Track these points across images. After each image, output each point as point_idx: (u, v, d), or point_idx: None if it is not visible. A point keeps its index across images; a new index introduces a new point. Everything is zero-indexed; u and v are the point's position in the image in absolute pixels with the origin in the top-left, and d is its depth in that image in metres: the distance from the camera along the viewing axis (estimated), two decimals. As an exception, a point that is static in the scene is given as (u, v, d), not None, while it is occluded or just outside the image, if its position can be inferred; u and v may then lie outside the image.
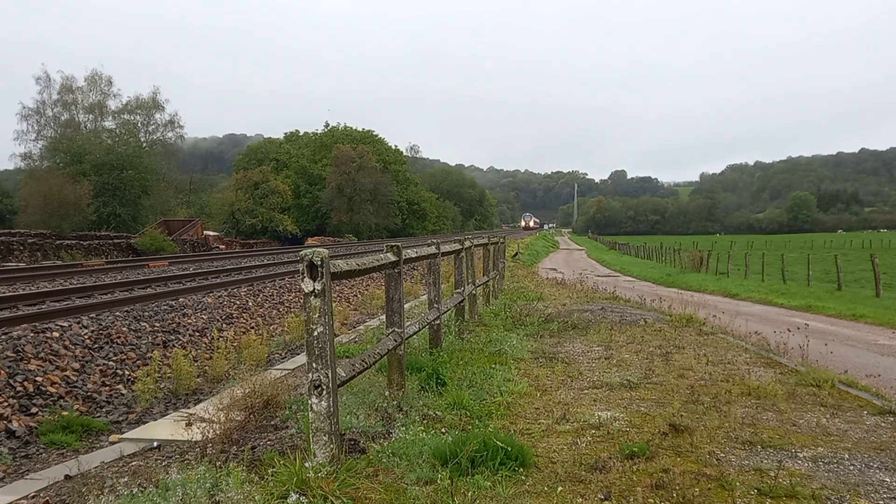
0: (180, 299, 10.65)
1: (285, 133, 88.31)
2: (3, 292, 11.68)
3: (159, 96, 62.38)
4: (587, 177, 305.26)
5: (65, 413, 6.07)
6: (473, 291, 10.84)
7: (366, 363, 4.70)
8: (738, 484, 3.89)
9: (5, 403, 5.89)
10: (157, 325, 9.08)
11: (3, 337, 6.92)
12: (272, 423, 5.11)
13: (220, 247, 44.68)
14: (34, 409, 6.03)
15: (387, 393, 5.51)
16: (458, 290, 9.50)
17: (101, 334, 8.02)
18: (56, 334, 7.50)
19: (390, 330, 5.70)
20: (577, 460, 4.28)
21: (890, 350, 11.08)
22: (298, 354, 9.13)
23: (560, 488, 3.84)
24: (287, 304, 12.62)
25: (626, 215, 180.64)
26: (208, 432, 4.72)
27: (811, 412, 5.64)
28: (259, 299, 12.27)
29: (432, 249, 7.32)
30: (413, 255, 6.48)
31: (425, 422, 4.98)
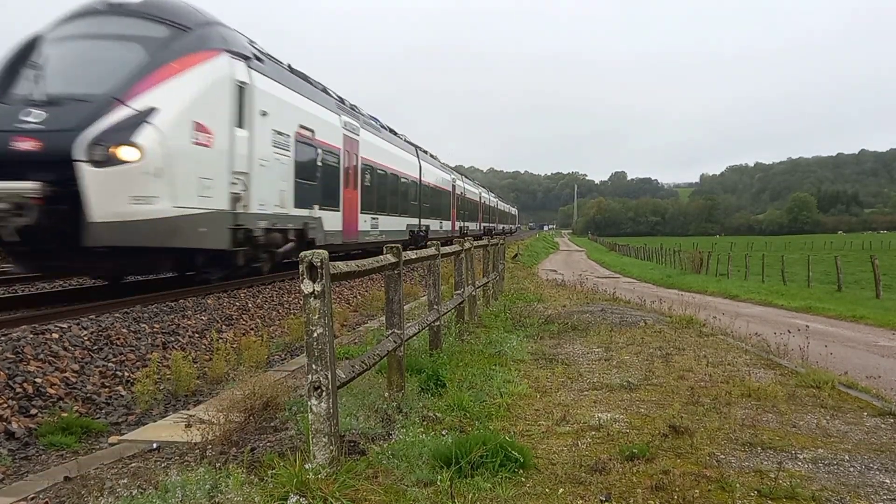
0: (180, 300, 10.63)
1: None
2: (2, 293, 11.67)
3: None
4: (587, 178, 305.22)
5: (64, 414, 6.05)
6: (473, 293, 10.83)
7: (366, 365, 4.70)
8: (738, 485, 3.88)
9: (5, 405, 5.88)
10: (157, 326, 9.07)
11: (2, 338, 6.91)
12: (272, 424, 5.11)
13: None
14: (34, 411, 6.02)
15: (387, 394, 5.50)
16: (458, 292, 9.49)
17: (101, 336, 8.01)
18: (55, 336, 7.49)
19: (390, 331, 5.70)
20: (577, 462, 4.28)
21: (890, 351, 11.08)
22: (298, 356, 9.12)
23: (560, 490, 3.84)
24: (287, 306, 12.60)
25: (626, 216, 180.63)
26: (208, 434, 4.71)
27: (811, 413, 5.63)
28: (259, 300, 12.25)
29: (432, 251, 7.31)
30: (413, 257, 6.48)
31: (425, 423, 4.98)
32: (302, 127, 13.83)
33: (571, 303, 14.61)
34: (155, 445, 5.04)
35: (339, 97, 18.07)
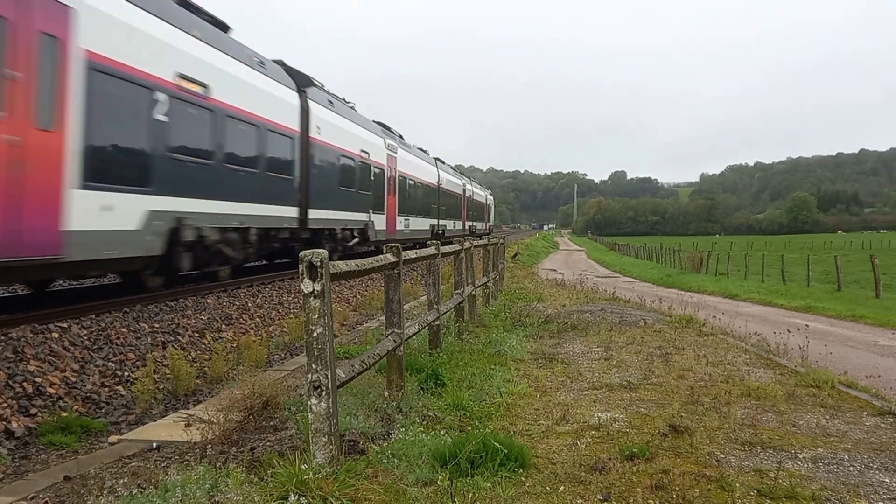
0: (180, 300, 10.63)
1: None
2: (2, 293, 11.68)
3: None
4: (587, 177, 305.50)
5: (64, 414, 6.06)
6: (473, 292, 10.83)
7: (365, 364, 4.70)
8: (737, 485, 3.89)
9: (4, 404, 5.88)
10: (157, 325, 9.07)
11: (2, 338, 6.91)
12: (271, 423, 5.11)
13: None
14: (33, 410, 6.02)
15: (386, 394, 5.51)
16: (458, 291, 9.49)
17: (101, 335, 8.01)
18: (55, 335, 7.49)
19: (390, 331, 5.70)
20: (577, 461, 4.28)
21: (890, 351, 11.08)
22: (298, 355, 9.12)
23: (560, 489, 3.84)
24: (286, 305, 12.61)
25: (625, 216, 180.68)
26: (207, 433, 4.72)
27: (811, 413, 5.64)
28: (258, 300, 12.25)
29: (432, 250, 7.31)
30: (412, 256, 6.48)
31: (425, 423, 4.98)
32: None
33: (571, 302, 14.62)
34: (155, 445, 5.04)
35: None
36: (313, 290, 3.73)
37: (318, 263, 3.73)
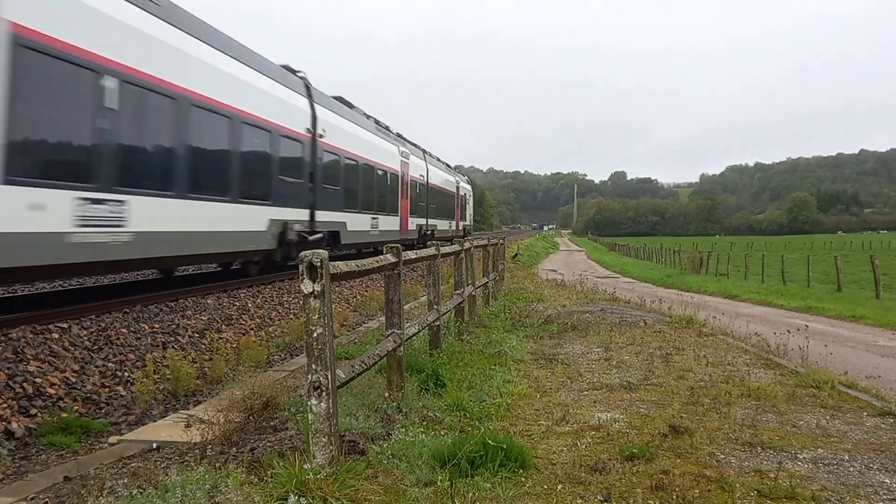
0: (180, 300, 10.63)
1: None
2: (2, 293, 11.67)
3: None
4: (587, 178, 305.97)
5: (64, 414, 6.05)
6: (473, 293, 10.83)
7: (365, 364, 4.70)
8: (737, 485, 3.89)
9: (5, 405, 5.88)
10: (157, 326, 9.07)
11: (2, 338, 6.91)
12: (271, 424, 5.11)
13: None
14: (33, 411, 6.02)
15: (386, 394, 5.51)
16: (458, 292, 9.49)
17: (101, 335, 8.01)
18: (55, 335, 7.49)
19: (390, 331, 5.70)
20: (577, 461, 4.28)
21: (890, 351, 11.08)
22: (298, 356, 9.12)
23: (560, 489, 3.84)
24: (287, 306, 12.60)
25: (625, 216, 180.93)
26: (207, 434, 4.71)
27: (811, 413, 5.64)
28: (259, 301, 12.25)
29: (432, 251, 7.31)
30: (412, 257, 6.48)
31: (425, 423, 4.98)
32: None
33: (571, 302, 14.61)
34: (155, 445, 5.04)
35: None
36: (313, 290, 3.73)
37: (318, 264, 3.74)
